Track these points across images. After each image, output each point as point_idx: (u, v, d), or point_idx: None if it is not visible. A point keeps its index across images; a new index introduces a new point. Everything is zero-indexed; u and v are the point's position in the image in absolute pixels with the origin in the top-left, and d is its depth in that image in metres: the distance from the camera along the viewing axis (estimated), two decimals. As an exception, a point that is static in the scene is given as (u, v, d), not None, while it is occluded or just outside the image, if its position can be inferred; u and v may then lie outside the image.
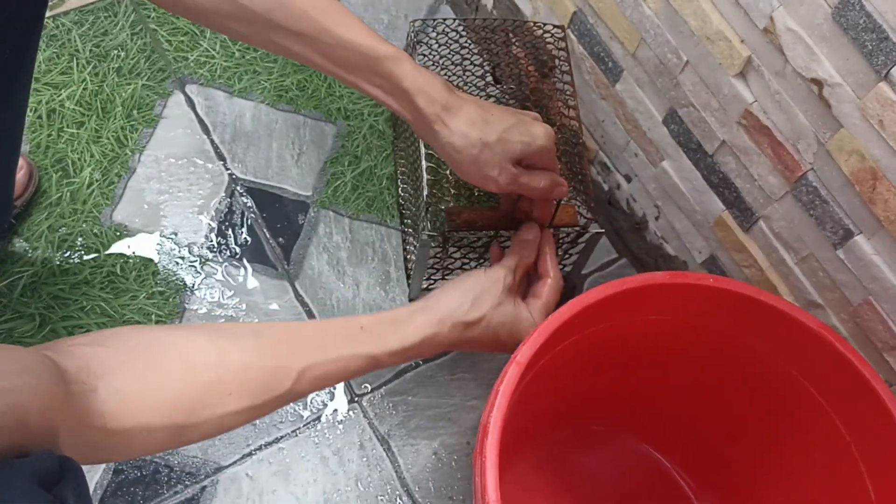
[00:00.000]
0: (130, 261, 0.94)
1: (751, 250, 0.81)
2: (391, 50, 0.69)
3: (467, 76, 0.94)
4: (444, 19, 0.92)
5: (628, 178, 0.97)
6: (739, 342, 0.65)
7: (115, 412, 0.52)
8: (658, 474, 0.81)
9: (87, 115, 1.00)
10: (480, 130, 0.69)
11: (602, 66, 0.91)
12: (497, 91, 0.97)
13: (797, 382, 0.62)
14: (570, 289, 0.94)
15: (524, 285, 0.78)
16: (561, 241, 0.84)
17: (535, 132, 0.72)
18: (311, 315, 0.94)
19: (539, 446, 0.82)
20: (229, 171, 1.00)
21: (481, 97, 0.94)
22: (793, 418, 0.65)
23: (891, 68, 0.57)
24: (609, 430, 0.82)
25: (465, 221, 0.81)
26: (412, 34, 0.90)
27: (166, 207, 0.97)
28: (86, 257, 0.93)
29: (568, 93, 0.90)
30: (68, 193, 0.96)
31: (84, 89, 1.02)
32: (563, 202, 0.81)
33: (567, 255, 0.88)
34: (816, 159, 0.69)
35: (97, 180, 0.97)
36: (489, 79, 0.97)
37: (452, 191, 0.84)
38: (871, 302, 0.69)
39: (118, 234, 0.95)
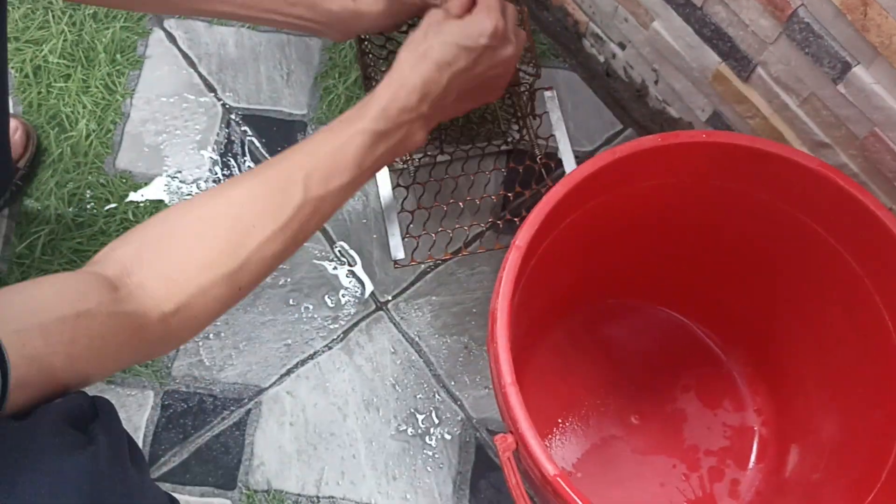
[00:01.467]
0: (141, 205, 0.95)
1: (752, 100, 0.79)
2: None
3: None
4: None
5: (622, 46, 0.94)
6: (742, 194, 0.64)
7: (165, 294, 0.54)
8: (685, 336, 0.82)
9: (72, 67, 1.00)
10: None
11: (579, -69, 0.87)
12: None
13: (805, 225, 0.62)
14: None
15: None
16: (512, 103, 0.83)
17: None
18: (329, 239, 0.95)
19: (562, 325, 0.83)
20: (222, 102, 1.00)
21: None
22: (805, 262, 0.64)
23: None
24: (630, 301, 0.83)
25: None
26: None
27: (166, 147, 0.98)
28: (98, 208, 0.94)
29: None
30: (68, 148, 0.97)
31: (64, 41, 1.01)
32: None
33: (523, 119, 0.86)
34: (805, -7, 0.66)
35: (94, 130, 0.97)
36: None
37: None
38: (877, 133, 0.67)
39: (124, 181, 0.96)
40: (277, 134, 0.98)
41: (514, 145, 0.97)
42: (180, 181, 0.96)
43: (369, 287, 0.93)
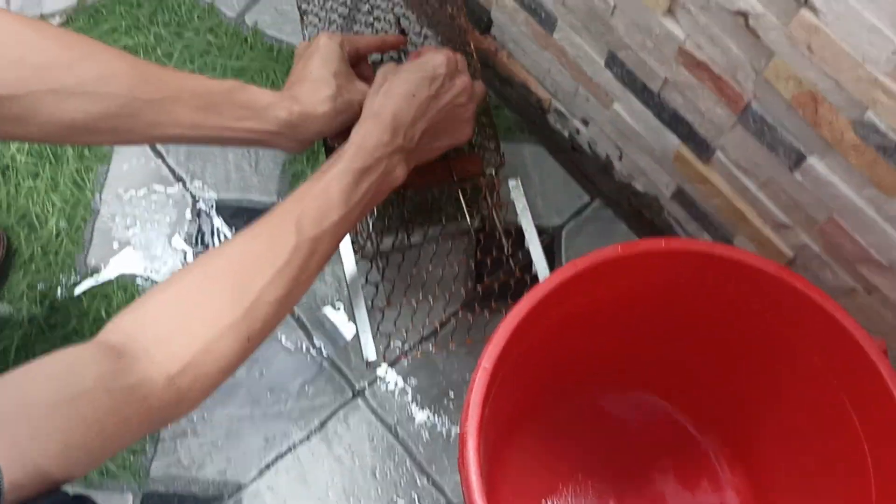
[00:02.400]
0: (114, 301, 0.95)
1: (713, 181, 0.81)
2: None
3: (359, 25, 0.92)
4: None
5: (585, 122, 0.96)
6: (707, 294, 0.65)
7: (170, 355, 0.54)
8: (662, 418, 0.82)
9: (40, 165, 1.00)
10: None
11: (536, 17, 0.89)
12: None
13: (768, 323, 0.63)
14: (547, 241, 0.94)
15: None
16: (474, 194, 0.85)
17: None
18: (301, 325, 0.95)
19: (541, 413, 0.83)
20: (191, 192, 1.00)
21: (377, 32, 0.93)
22: (772, 357, 0.65)
23: (808, -6, 0.56)
24: (607, 387, 0.83)
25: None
26: (300, 6, 0.88)
27: (137, 241, 0.98)
28: (70, 307, 0.94)
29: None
30: (38, 248, 0.96)
31: (31, 139, 1.01)
32: (467, 151, 0.83)
33: (488, 210, 0.88)
34: (757, 88, 0.67)
35: (64, 228, 0.97)
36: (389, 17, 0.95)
37: None
38: (835, 219, 0.69)
39: (96, 278, 0.96)
40: (248, 222, 0.98)
41: (480, 231, 0.97)
42: (152, 274, 0.96)
43: (346, 375, 0.93)
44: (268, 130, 0.69)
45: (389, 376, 0.93)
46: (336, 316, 0.96)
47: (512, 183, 0.88)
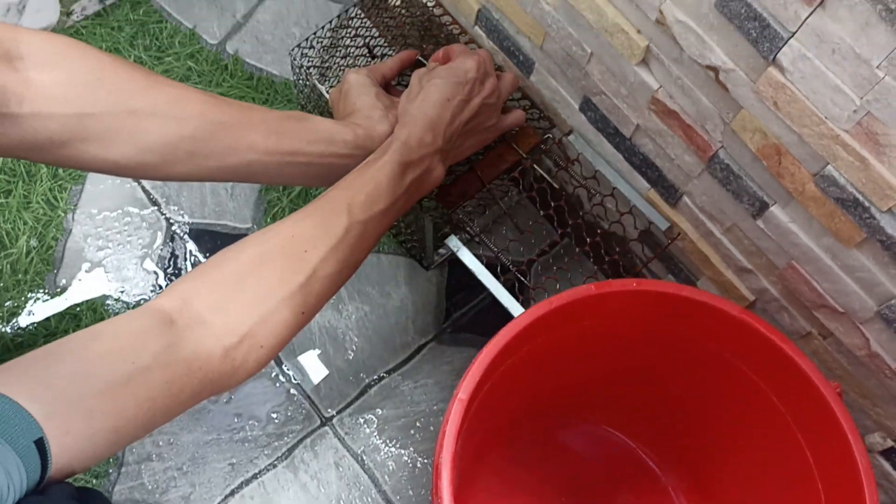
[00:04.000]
0: (83, 323, 0.95)
1: (680, 224, 0.84)
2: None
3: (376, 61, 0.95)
4: (314, 33, 0.92)
5: (557, 163, 0.99)
6: (674, 334, 0.67)
7: (227, 325, 0.56)
8: (624, 454, 0.84)
9: (13, 182, 1.00)
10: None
11: (514, 59, 0.92)
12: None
13: (731, 364, 0.65)
14: (520, 270, 0.96)
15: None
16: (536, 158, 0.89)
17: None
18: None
19: (508, 445, 0.85)
20: (165, 216, 1.01)
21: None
22: (733, 396, 0.68)
23: (776, 53, 0.59)
24: (573, 421, 0.85)
25: (459, 195, 0.85)
26: (297, 66, 0.90)
27: (108, 263, 0.98)
28: (37, 327, 0.93)
29: (450, 23, 0.93)
30: (8, 266, 0.96)
31: (5, 156, 1.01)
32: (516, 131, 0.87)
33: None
34: (724, 138, 0.71)
35: (34, 247, 0.97)
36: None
37: None
38: (794, 265, 0.72)
39: (65, 298, 0.95)
40: (222, 248, 0.99)
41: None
42: (123, 298, 0.96)
43: (314, 402, 0.94)
44: (339, 153, 0.71)
45: (358, 405, 0.94)
46: (307, 359, 0.96)
47: (571, 137, 0.90)
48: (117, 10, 1.11)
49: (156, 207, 1.01)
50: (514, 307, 0.78)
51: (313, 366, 0.95)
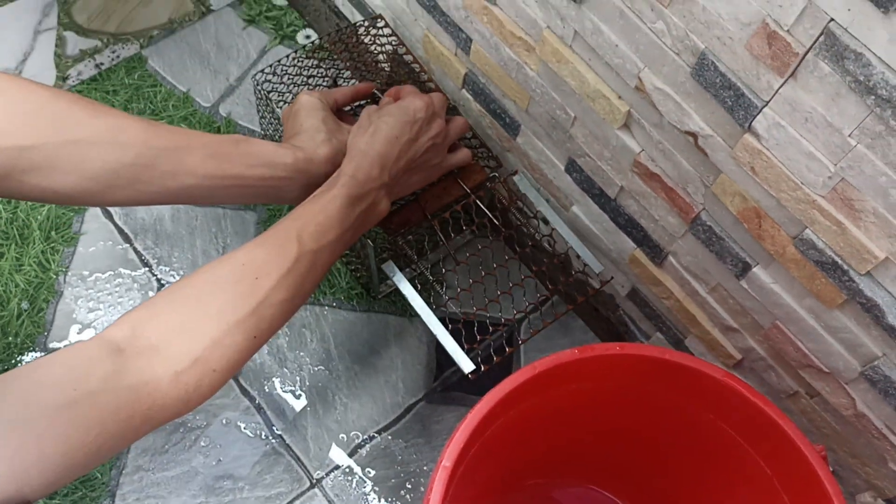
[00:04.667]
0: (72, 384, 0.94)
1: (666, 283, 0.84)
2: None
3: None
4: (279, 60, 0.95)
5: (545, 221, 1.00)
6: (657, 395, 0.68)
7: (178, 349, 0.56)
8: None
9: (6, 245, 1.00)
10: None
11: (500, 121, 0.93)
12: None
13: (716, 425, 0.65)
14: (508, 333, 0.96)
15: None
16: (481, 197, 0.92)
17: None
18: (259, 408, 0.95)
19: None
20: (157, 277, 1.01)
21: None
22: (718, 457, 0.68)
23: (751, 121, 0.61)
24: (560, 481, 0.85)
25: (401, 223, 0.88)
26: (260, 89, 0.92)
27: (99, 324, 0.98)
28: (26, 389, 0.93)
29: (411, 62, 0.96)
30: (-2, 328, 0.96)
31: (-2, 219, 1.02)
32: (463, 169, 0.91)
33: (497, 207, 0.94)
34: (706, 201, 0.72)
35: (25, 310, 0.97)
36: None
37: None
38: (779, 325, 0.72)
39: (55, 360, 0.95)
40: (212, 308, 1.00)
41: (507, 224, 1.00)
42: (113, 358, 0.96)
43: (304, 463, 0.93)
44: (278, 176, 0.73)
45: (347, 465, 0.93)
46: (297, 403, 0.96)
47: (516, 178, 0.93)
48: (113, 74, 1.13)
49: (147, 269, 1.02)
50: (452, 346, 0.81)
51: (302, 424, 0.95)
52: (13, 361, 0.95)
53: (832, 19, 0.50)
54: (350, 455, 0.94)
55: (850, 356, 0.67)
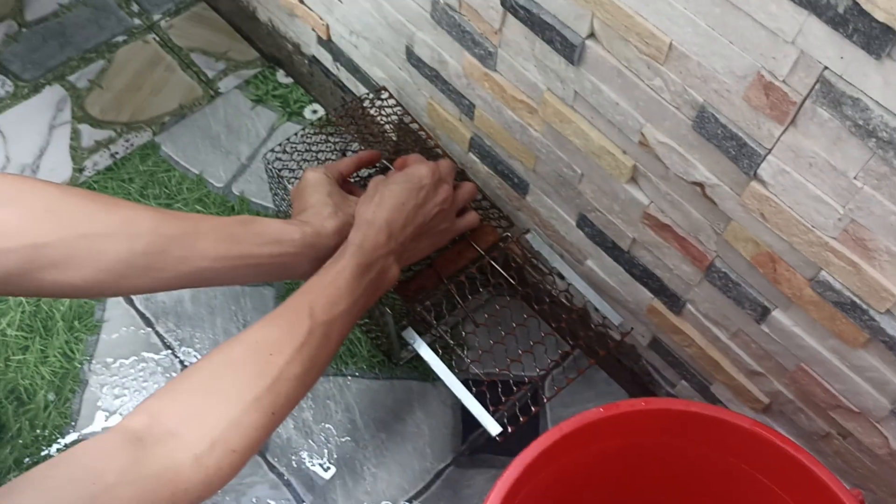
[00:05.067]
0: (101, 473, 0.95)
1: (686, 331, 0.84)
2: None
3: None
4: (287, 138, 0.97)
5: (560, 276, 1.00)
6: (687, 447, 0.67)
7: (197, 433, 0.56)
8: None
9: (31, 338, 1.02)
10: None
11: (509, 182, 0.95)
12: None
13: (751, 475, 0.65)
14: (532, 391, 0.96)
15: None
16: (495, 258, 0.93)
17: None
18: (287, 484, 0.95)
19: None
20: (180, 359, 1.02)
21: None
22: (756, 505, 0.67)
23: (756, 169, 0.61)
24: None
25: (417, 289, 0.89)
26: (271, 168, 0.94)
27: (125, 410, 0.98)
28: (56, 481, 0.93)
29: (418, 130, 0.98)
30: (26, 422, 0.97)
31: (22, 312, 1.03)
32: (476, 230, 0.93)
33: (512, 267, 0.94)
34: (719, 248, 0.72)
35: (52, 402, 0.98)
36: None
37: None
38: (804, 367, 0.72)
39: (83, 449, 0.96)
40: (236, 386, 1.00)
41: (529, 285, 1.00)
42: (140, 444, 0.96)
43: (337, 538, 0.92)
44: (288, 253, 0.74)
45: (381, 538, 0.92)
46: (325, 474, 0.96)
47: (529, 236, 0.94)
48: (127, 162, 1.16)
49: (170, 351, 1.02)
50: (477, 409, 0.80)
51: (332, 497, 0.94)
52: (42, 454, 0.95)
53: (826, 67, 0.51)
54: (382, 526, 0.93)
55: (878, 395, 0.67)
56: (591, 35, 0.68)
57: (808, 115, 0.55)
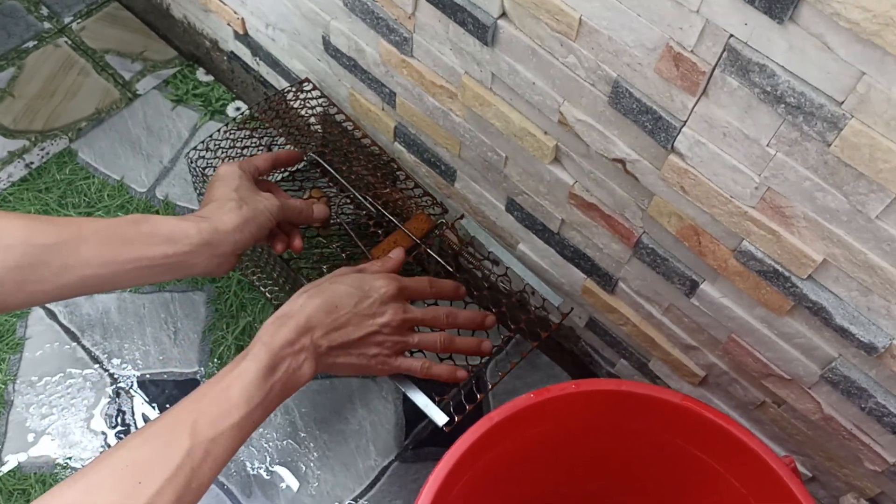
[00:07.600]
0: (32, 496, 0.91)
1: (620, 310, 0.84)
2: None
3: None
4: (210, 135, 0.93)
5: (496, 262, 0.99)
6: (621, 426, 0.67)
7: None
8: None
9: (-51, 361, 0.97)
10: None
11: (436, 169, 0.93)
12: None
13: (685, 450, 0.64)
14: (475, 378, 0.95)
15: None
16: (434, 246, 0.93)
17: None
18: (228, 492, 0.92)
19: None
20: (109, 372, 0.98)
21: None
22: (694, 479, 0.67)
23: (673, 142, 0.61)
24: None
25: None
26: (195, 167, 0.91)
27: (54, 430, 0.95)
28: (-16, 508, 0.90)
29: (343, 121, 0.97)
30: (-52, 449, 0.92)
31: (-62, 335, 0.99)
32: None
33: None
34: (645, 224, 0.72)
35: (-25, 426, 0.94)
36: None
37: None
38: (735, 338, 0.72)
39: (12, 475, 0.92)
40: (171, 397, 0.97)
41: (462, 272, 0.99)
42: (72, 463, 0.93)
43: (282, 544, 0.90)
44: (183, 252, 0.70)
45: (327, 540, 0.91)
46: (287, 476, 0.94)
47: (464, 221, 0.92)
48: (44, 171, 1.11)
49: (98, 365, 0.99)
50: (423, 401, 0.80)
51: (276, 502, 0.92)
52: (-33, 481, 0.91)
53: (732, 35, 0.51)
54: (329, 528, 0.91)
55: (808, 360, 0.67)
56: (503, 14, 0.66)
57: (719, 85, 0.54)
